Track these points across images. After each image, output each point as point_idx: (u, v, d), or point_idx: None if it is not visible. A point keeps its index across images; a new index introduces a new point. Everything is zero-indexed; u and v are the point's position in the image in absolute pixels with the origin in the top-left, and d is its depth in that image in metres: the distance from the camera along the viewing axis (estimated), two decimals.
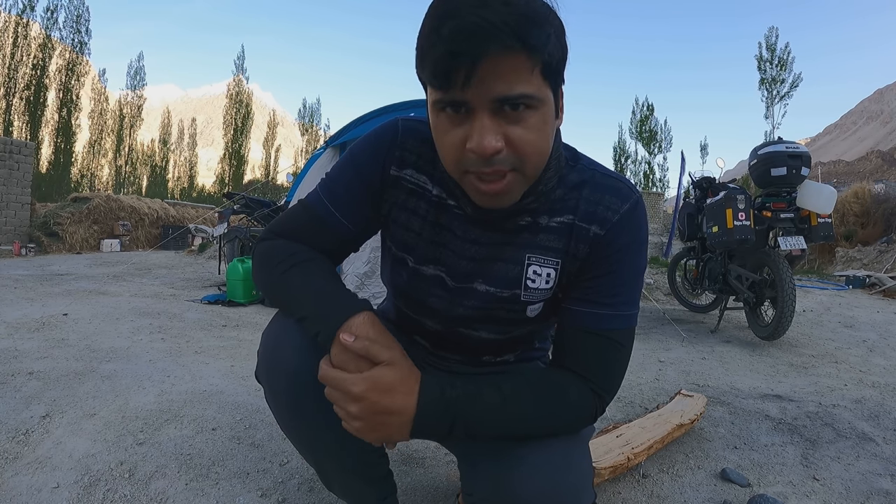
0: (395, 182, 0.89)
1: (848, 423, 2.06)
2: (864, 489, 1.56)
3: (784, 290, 3.34)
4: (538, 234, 0.85)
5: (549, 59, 0.68)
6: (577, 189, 0.85)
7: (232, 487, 1.41)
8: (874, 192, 11.39)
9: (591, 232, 0.84)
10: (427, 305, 0.94)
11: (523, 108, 0.68)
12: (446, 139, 0.72)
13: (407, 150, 0.89)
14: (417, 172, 0.89)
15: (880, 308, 5.25)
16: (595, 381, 0.82)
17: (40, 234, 12.30)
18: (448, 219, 0.88)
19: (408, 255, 0.92)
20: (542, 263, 0.86)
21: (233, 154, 43.20)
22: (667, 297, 5.84)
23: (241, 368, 2.53)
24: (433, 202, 0.89)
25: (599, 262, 0.84)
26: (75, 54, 32.41)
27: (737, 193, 3.70)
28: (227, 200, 8.04)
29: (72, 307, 3.96)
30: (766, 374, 2.91)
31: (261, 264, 0.90)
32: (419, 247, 0.91)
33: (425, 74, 0.69)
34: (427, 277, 0.91)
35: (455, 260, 0.88)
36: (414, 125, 0.90)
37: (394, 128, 0.90)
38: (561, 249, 0.85)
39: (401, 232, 0.92)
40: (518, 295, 0.88)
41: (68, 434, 1.64)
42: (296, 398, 0.86)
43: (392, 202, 0.90)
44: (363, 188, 0.89)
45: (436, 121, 0.72)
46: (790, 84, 33.06)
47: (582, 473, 0.82)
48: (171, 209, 16.94)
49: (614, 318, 0.83)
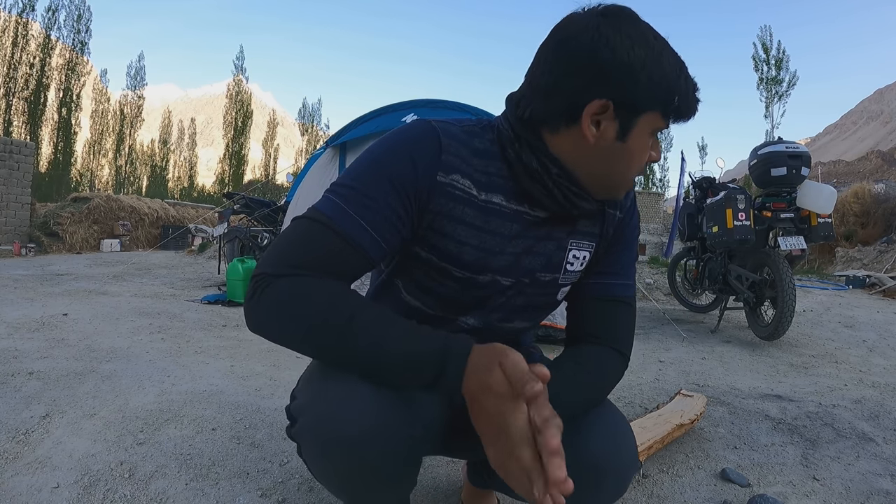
0: (442, 189, 0.82)
1: (848, 423, 2.06)
2: (864, 489, 1.56)
3: (784, 290, 3.34)
4: (578, 220, 0.93)
5: None
6: None
7: (232, 487, 1.41)
8: (874, 192, 11.38)
9: (616, 216, 0.96)
10: (473, 305, 0.92)
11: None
12: (643, 156, 0.85)
13: (452, 154, 0.83)
14: (463, 177, 0.83)
15: (880, 308, 5.25)
16: (620, 343, 0.94)
17: (40, 234, 12.30)
18: (499, 223, 0.86)
19: (452, 265, 0.86)
20: (580, 248, 0.94)
21: (233, 154, 43.24)
22: (667, 297, 5.84)
23: (241, 368, 2.53)
24: (481, 207, 0.85)
25: (618, 240, 0.98)
26: (76, 54, 32.43)
27: (737, 193, 3.70)
28: (227, 200, 8.05)
29: (72, 307, 3.96)
30: (766, 374, 2.91)
31: (297, 317, 0.72)
32: (468, 254, 0.86)
33: (677, 110, 0.81)
34: (480, 283, 0.89)
35: (512, 262, 0.89)
36: (451, 128, 0.85)
37: (433, 132, 0.83)
38: (596, 234, 0.95)
39: (446, 242, 0.85)
40: (557, 278, 0.94)
41: (68, 434, 1.64)
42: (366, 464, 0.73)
43: (437, 211, 0.83)
44: (403, 200, 0.79)
45: (643, 142, 0.83)
46: (787, 83, 33.10)
47: (633, 437, 0.92)
48: (171, 209, 16.94)
49: (628, 286, 0.98)
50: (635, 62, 0.75)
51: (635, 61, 0.75)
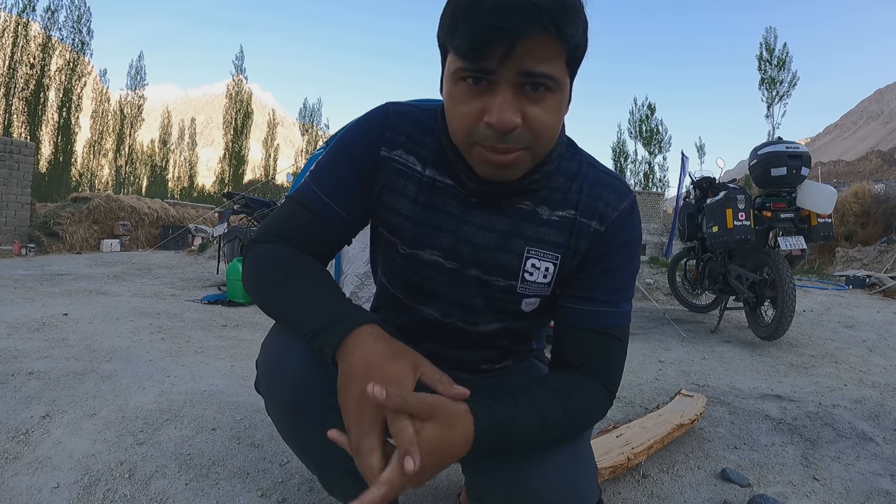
0: (385, 163, 0.88)
1: (848, 423, 2.06)
2: (864, 489, 1.56)
3: (784, 290, 3.34)
4: (539, 227, 0.86)
5: (575, 48, 0.71)
6: (575, 181, 0.86)
7: (232, 487, 1.41)
8: (874, 192, 11.39)
9: (591, 227, 0.85)
10: (425, 290, 0.93)
11: (543, 90, 0.70)
12: (461, 108, 0.72)
13: (397, 131, 0.88)
14: (406, 153, 0.87)
15: (880, 308, 5.25)
16: (605, 378, 0.84)
17: (40, 234, 12.31)
18: (442, 201, 0.87)
19: (397, 239, 0.90)
20: (541, 258, 0.86)
21: (233, 154, 43.25)
22: (667, 297, 5.84)
23: (241, 368, 2.53)
24: (425, 183, 0.87)
25: (599, 259, 0.85)
26: (76, 54, 32.44)
27: (737, 193, 3.70)
28: (227, 200, 8.06)
29: (72, 307, 3.96)
30: (766, 374, 2.91)
31: (254, 273, 0.86)
32: (408, 229, 0.89)
33: (456, 42, 0.69)
34: (424, 262, 0.89)
35: (453, 243, 0.87)
36: (403, 108, 0.90)
37: (384, 110, 0.90)
38: (562, 244, 0.86)
39: (390, 215, 0.90)
40: (514, 286, 0.88)
41: (68, 434, 1.64)
42: (298, 408, 0.84)
43: (382, 184, 0.88)
44: (356, 174, 0.87)
45: (453, 89, 0.73)
46: (788, 83, 33.16)
47: (589, 471, 0.85)
48: (171, 209, 16.96)
49: (616, 314, 0.85)
50: (452, 3, 0.70)
51: (452, 2, 0.70)
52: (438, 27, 0.73)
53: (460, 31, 0.67)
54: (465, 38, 0.67)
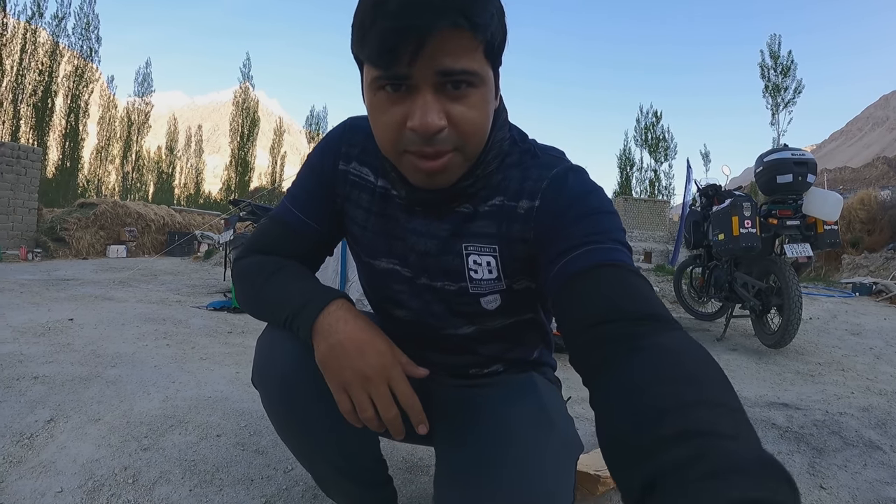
0: (343, 176, 0.91)
1: (855, 432, 2.05)
2: (872, 498, 1.54)
3: (790, 297, 3.32)
4: (474, 221, 0.82)
5: (491, 38, 0.68)
6: (510, 169, 0.82)
7: (236, 494, 1.40)
8: (880, 199, 11.36)
9: (520, 208, 0.79)
10: (391, 298, 0.96)
11: (465, 87, 0.68)
12: (384, 118, 0.70)
13: (352, 144, 0.91)
14: (360, 165, 0.90)
15: (887, 315, 5.21)
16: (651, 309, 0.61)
17: (47, 240, 12.37)
18: (393, 210, 0.88)
19: (359, 249, 0.95)
20: (479, 252, 0.83)
21: (239, 161, 43.47)
22: (673, 305, 5.82)
23: (246, 375, 2.52)
24: (378, 193, 0.89)
25: (554, 227, 0.75)
26: (84, 61, 32.71)
27: (743, 201, 3.69)
28: (233, 207, 8.08)
29: (77, 312, 3.98)
30: (772, 382, 2.89)
31: (240, 283, 0.93)
32: (366, 239, 0.92)
33: (366, 51, 0.67)
34: (382, 271, 0.93)
35: (406, 251, 0.88)
36: (360, 121, 0.92)
37: (342, 126, 0.93)
38: (494, 234, 0.82)
39: (351, 225, 0.94)
40: (466, 288, 0.86)
41: (73, 439, 1.64)
42: (289, 401, 0.87)
43: (344, 196, 0.92)
44: (322, 189, 0.92)
45: (373, 100, 0.71)
46: (793, 90, 33.12)
47: (557, 480, 0.78)
48: (177, 215, 17.00)
49: (607, 250, 0.69)
50: (357, 12, 0.68)
51: (358, 11, 0.68)
52: (350, 40, 0.70)
53: (368, 39, 0.65)
54: (373, 45, 0.65)
